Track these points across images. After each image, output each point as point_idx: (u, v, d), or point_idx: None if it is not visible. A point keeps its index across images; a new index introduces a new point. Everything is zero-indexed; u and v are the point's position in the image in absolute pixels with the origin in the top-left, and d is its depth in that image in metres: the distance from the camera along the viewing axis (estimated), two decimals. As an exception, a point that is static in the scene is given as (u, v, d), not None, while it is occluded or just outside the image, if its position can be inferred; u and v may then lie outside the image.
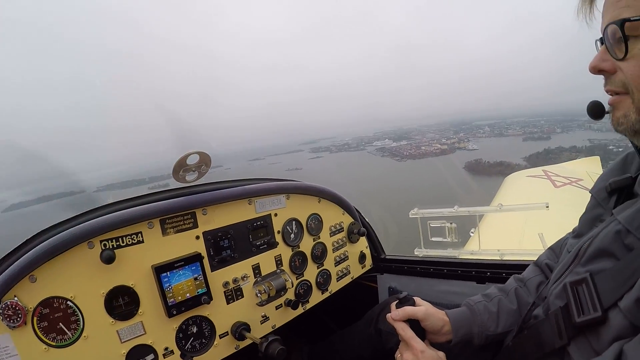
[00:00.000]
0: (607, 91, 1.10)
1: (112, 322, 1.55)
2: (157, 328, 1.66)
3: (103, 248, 1.54)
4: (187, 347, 1.76)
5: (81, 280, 1.50)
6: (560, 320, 1.17)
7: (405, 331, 1.48)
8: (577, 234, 1.46)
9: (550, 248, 1.76)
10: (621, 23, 0.97)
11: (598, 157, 14.61)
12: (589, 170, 12.13)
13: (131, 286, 1.60)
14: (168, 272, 1.67)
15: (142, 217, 1.64)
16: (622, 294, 0.98)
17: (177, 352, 1.72)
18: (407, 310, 1.52)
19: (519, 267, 2.25)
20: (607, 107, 1.14)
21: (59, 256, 1.45)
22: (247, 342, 1.92)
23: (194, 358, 1.76)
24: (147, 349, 1.63)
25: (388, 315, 1.56)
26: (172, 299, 1.67)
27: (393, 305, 1.59)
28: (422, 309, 1.53)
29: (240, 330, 1.88)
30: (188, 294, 1.73)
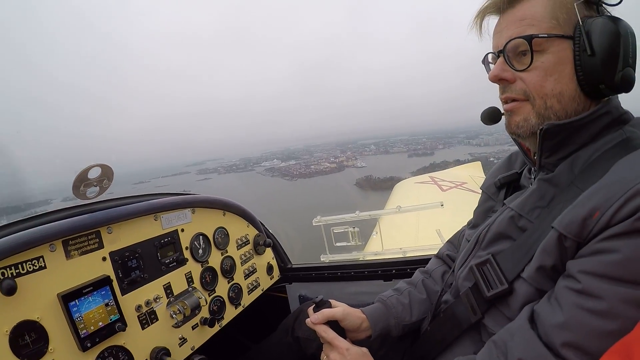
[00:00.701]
0: (505, 98, 1.28)
1: None
2: None
3: (1, 277, 1.35)
4: None
5: None
6: (472, 298, 1.33)
7: (327, 333, 1.54)
8: (472, 225, 1.69)
9: (449, 241, 1.99)
10: (529, 38, 1.15)
11: (479, 162, 16.59)
12: (472, 174, 13.68)
13: (37, 320, 1.41)
14: (77, 300, 1.51)
15: (43, 239, 1.46)
16: (523, 267, 1.16)
17: None
18: (326, 312, 1.58)
19: (421, 261, 2.46)
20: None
21: None
22: None
23: None
24: None
25: (307, 320, 1.60)
26: (84, 330, 1.51)
27: (310, 309, 1.64)
28: (340, 309, 1.61)
29: (160, 356, 1.76)
30: (101, 323, 1.57)
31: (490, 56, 1.34)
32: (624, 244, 0.92)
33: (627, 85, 1.14)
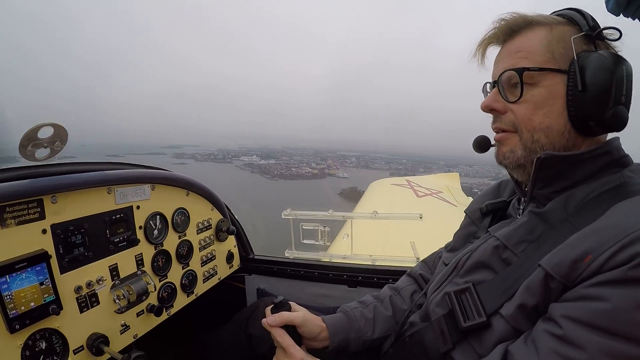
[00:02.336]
0: (495, 129, 1.33)
1: None
2: None
3: None
4: None
5: None
6: (444, 326, 1.30)
7: (283, 338, 1.49)
8: (451, 248, 1.69)
9: (423, 261, 2.00)
10: (521, 71, 1.19)
11: (457, 174, 16.90)
12: (449, 185, 13.94)
13: None
14: (7, 276, 1.38)
15: None
16: (503, 303, 1.14)
17: None
18: (284, 315, 1.54)
19: (390, 272, 2.47)
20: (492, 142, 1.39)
21: None
22: (106, 357, 1.70)
23: None
24: None
25: (263, 320, 1.55)
26: (14, 310, 1.39)
27: (268, 310, 1.59)
28: (300, 314, 1.57)
29: (97, 343, 1.65)
30: (33, 303, 1.45)
31: (488, 85, 1.37)
32: (614, 293, 0.90)
33: (618, 124, 1.15)
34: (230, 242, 2.69)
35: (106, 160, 1.95)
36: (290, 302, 1.61)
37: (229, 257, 2.66)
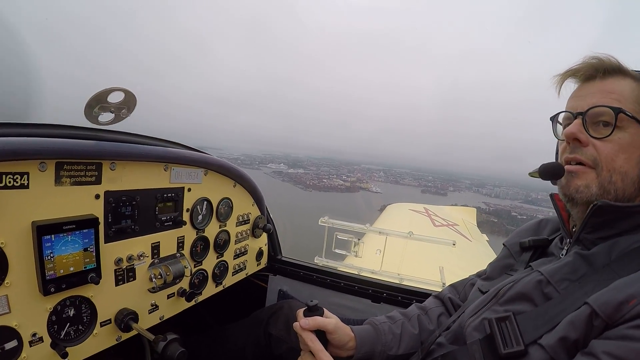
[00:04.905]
0: (572, 159, 1.24)
1: None
2: (25, 307, 1.20)
3: None
4: (61, 335, 1.31)
5: None
6: (480, 351, 1.22)
7: (314, 343, 1.38)
8: (487, 277, 1.65)
9: (452, 285, 1.89)
10: (617, 110, 1.15)
11: (475, 209, 16.93)
12: (465, 219, 13.80)
13: (0, 245, 1.13)
14: (53, 236, 1.22)
15: (35, 154, 1.17)
16: (542, 334, 1.10)
17: (47, 340, 1.26)
18: (318, 320, 1.42)
19: (414, 293, 2.30)
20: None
21: None
22: (132, 333, 1.53)
23: (67, 349, 1.30)
24: (10, 332, 1.16)
25: (295, 324, 1.44)
26: (51, 272, 1.23)
27: (300, 312, 1.46)
28: (333, 321, 1.46)
29: (127, 319, 1.49)
30: (72, 268, 1.29)
31: (562, 115, 1.32)
32: None
33: None
34: (262, 240, 2.52)
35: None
36: (323, 308, 1.50)
37: (259, 255, 2.49)
